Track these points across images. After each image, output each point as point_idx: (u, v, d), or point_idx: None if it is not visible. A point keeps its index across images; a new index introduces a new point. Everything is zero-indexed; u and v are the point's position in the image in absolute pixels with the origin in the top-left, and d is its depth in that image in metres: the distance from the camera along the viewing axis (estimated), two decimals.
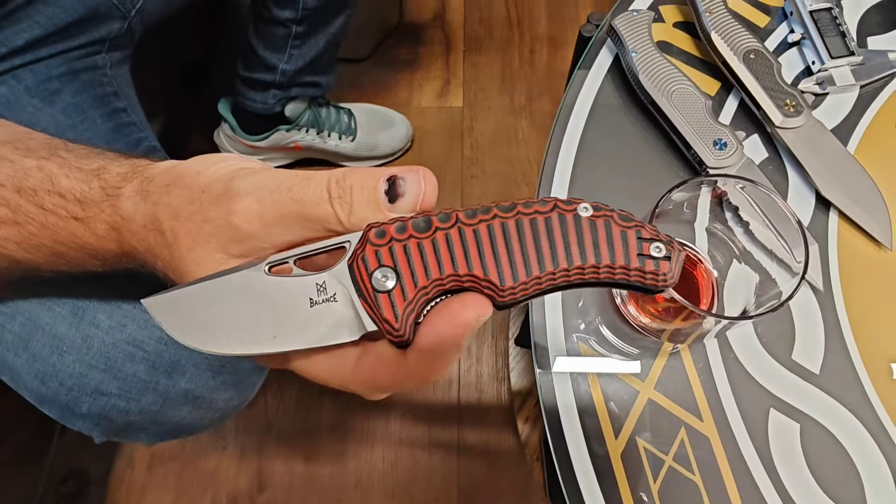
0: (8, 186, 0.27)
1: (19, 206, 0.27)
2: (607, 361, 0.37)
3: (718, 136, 0.40)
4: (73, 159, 0.27)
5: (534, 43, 1.03)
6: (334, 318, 0.21)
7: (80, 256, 0.27)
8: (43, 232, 0.27)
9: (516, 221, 0.20)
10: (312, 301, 0.21)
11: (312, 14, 0.73)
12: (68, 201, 0.26)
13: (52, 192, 0.26)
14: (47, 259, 0.28)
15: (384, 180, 0.20)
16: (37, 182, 0.27)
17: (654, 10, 0.46)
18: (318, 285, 0.21)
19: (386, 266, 0.20)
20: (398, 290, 0.20)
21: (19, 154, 0.28)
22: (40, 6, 0.49)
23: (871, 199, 0.40)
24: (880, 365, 0.37)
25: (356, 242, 0.20)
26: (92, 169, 0.26)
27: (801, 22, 0.44)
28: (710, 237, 0.38)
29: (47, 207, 0.26)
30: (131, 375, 0.37)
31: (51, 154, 0.28)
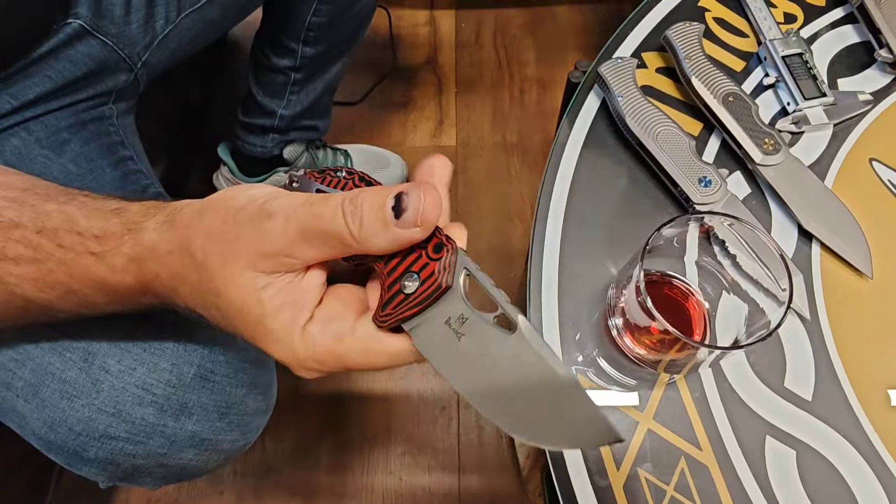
0: (30, 227, 0.28)
1: (40, 245, 0.28)
2: (606, 394, 0.38)
3: (703, 174, 0.42)
4: (92, 202, 0.29)
5: (523, 84, 1.07)
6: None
7: (93, 294, 0.29)
8: (60, 268, 0.28)
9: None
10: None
11: (310, 62, 0.76)
12: (86, 238, 0.28)
13: (72, 230, 0.28)
14: (61, 297, 0.29)
15: (392, 197, 0.22)
16: (58, 223, 0.28)
17: (637, 57, 0.49)
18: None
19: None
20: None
21: (40, 199, 0.29)
22: (52, 61, 0.51)
23: (850, 231, 0.42)
24: (870, 389, 0.38)
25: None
26: (112, 209, 0.28)
27: (775, 66, 0.47)
28: (700, 270, 0.40)
29: (65, 245, 0.28)
30: (140, 419, 0.37)
31: (70, 199, 0.29)
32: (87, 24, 0.50)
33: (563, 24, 1.11)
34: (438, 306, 0.23)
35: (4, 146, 0.47)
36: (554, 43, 1.10)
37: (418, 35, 1.11)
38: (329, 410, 0.85)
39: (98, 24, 0.51)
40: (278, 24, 0.73)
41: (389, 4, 1.11)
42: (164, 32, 0.56)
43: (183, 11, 0.57)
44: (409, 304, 0.23)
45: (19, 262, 0.28)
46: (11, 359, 0.37)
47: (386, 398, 0.85)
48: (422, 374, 0.87)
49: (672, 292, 0.40)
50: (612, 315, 0.39)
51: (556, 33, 1.10)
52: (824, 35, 0.50)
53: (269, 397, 0.46)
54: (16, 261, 0.28)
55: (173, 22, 0.56)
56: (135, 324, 0.38)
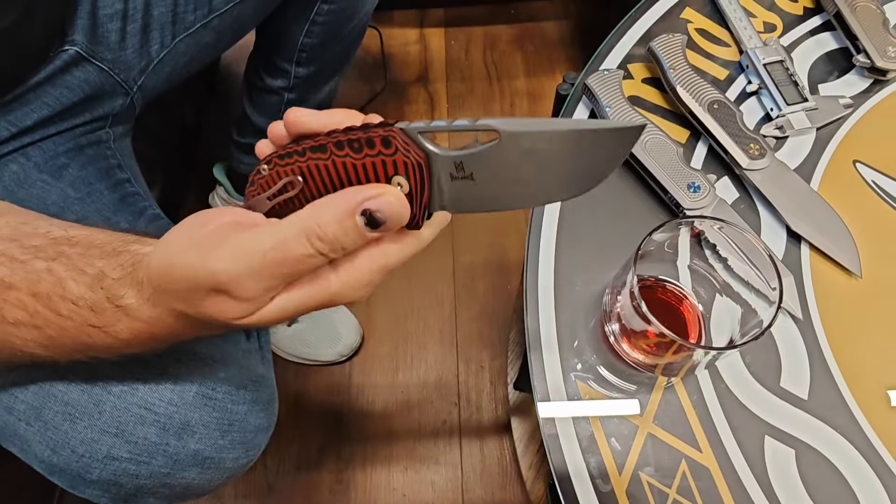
0: (23, 290, 0.28)
1: (37, 311, 0.28)
2: (607, 404, 0.39)
3: (692, 179, 0.43)
4: (77, 257, 0.29)
5: (513, 97, 1.08)
6: None
7: (101, 354, 0.29)
8: (63, 335, 0.28)
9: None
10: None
11: (303, 82, 0.77)
12: (81, 308, 0.28)
13: (65, 297, 0.28)
14: (69, 354, 0.30)
15: (359, 217, 0.23)
16: (49, 287, 0.28)
17: (624, 69, 0.50)
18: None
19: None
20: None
21: (29, 254, 0.29)
22: (49, 88, 0.51)
23: (837, 232, 0.43)
24: (865, 386, 0.38)
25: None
26: (94, 273, 0.28)
27: (757, 74, 0.48)
28: (693, 274, 0.40)
29: (63, 314, 0.28)
30: (142, 438, 0.37)
31: (57, 254, 0.29)
32: (83, 51, 0.51)
33: (550, 38, 1.13)
34: (435, 175, 0.24)
35: (3, 172, 0.48)
36: (542, 56, 1.12)
37: (409, 53, 1.13)
38: (330, 427, 0.85)
39: (94, 50, 0.52)
40: (271, 45, 0.74)
41: (380, 24, 1.12)
42: (160, 57, 0.57)
43: (177, 36, 0.57)
44: (417, 195, 0.24)
45: (20, 327, 0.28)
46: (13, 382, 0.38)
47: (386, 413, 0.85)
48: (421, 387, 0.87)
49: (666, 296, 0.40)
50: (608, 321, 0.39)
51: (544, 47, 1.12)
52: (803, 42, 0.52)
53: (270, 414, 0.46)
54: (16, 325, 0.29)
55: (168, 47, 0.57)
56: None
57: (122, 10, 0.52)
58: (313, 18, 0.69)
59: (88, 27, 0.51)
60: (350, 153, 0.24)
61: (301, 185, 0.26)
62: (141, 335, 0.27)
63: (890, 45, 0.48)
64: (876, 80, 0.49)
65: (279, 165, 0.26)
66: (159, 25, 0.55)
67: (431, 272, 0.92)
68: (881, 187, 0.45)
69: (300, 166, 0.25)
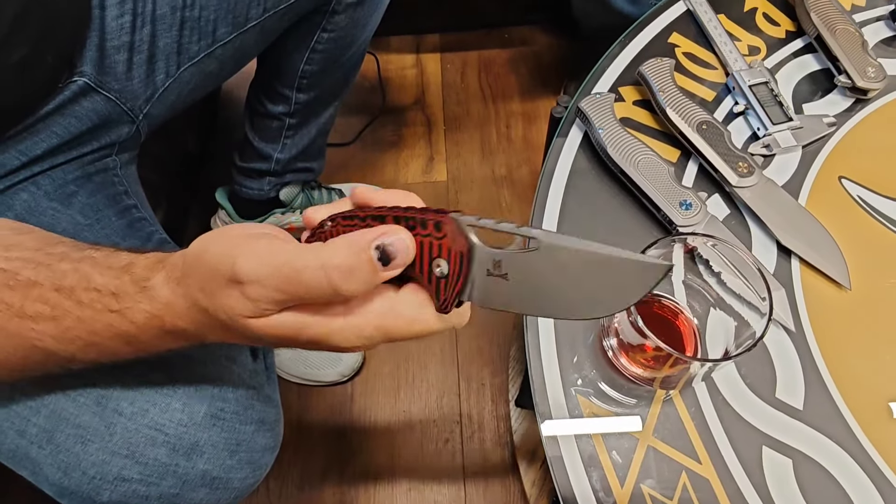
0: (47, 286, 0.29)
1: (58, 302, 0.29)
2: (609, 421, 0.39)
3: (683, 197, 0.45)
4: (103, 258, 0.30)
5: (509, 119, 1.11)
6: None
7: (114, 345, 0.30)
8: (79, 325, 0.29)
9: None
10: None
11: (304, 108, 0.79)
12: (104, 295, 0.29)
13: (89, 288, 0.29)
14: (81, 349, 0.30)
15: (374, 249, 0.24)
16: (73, 281, 0.29)
17: (615, 92, 0.52)
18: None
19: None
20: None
21: (54, 258, 0.30)
22: (58, 118, 0.53)
23: (826, 245, 0.44)
24: (858, 395, 0.39)
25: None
26: (122, 265, 0.29)
27: (743, 95, 0.50)
28: (687, 289, 0.42)
29: (84, 302, 0.29)
30: (153, 460, 0.38)
31: (82, 256, 0.30)
32: (91, 82, 0.53)
33: (543, 61, 1.16)
34: (474, 267, 0.25)
35: (14, 200, 0.49)
36: (536, 79, 1.14)
37: (406, 77, 1.16)
38: (332, 448, 0.85)
39: (102, 80, 0.53)
40: (272, 73, 0.76)
41: (377, 50, 1.15)
42: (165, 86, 0.59)
43: (182, 66, 0.59)
44: (453, 282, 0.25)
45: (38, 320, 0.29)
46: (26, 406, 0.38)
47: (388, 433, 0.85)
48: (423, 405, 0.87)
49: (662, 311, 0.41)
50: (606, 336, 0.40)
51: (538, 70, 1.15)
52: (787, 64, 0.54)
53: (276, 434, 0.46)
54: (35, 318, 0.29)
55: (173, 76, 0.59)
56: (147, 367, 0.40)
57: (128, 42, 0.54)
58: (313, 46, 0.71)
59: (96, 59, 0.53)
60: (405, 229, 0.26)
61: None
62: (153, 321, 0.28)
63: (869, 66, 0.50)
64: (858, 100, 0.51)
65: (342, 224, 0.28)
66: (164, 56, 0.57)
67: None
68: (866, 202, 0.47)
69: (360, 229, 0.27)
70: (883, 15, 0.56)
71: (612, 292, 0.24)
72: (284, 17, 0.64)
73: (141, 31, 0.55)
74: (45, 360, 0.31)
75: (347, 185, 1.00)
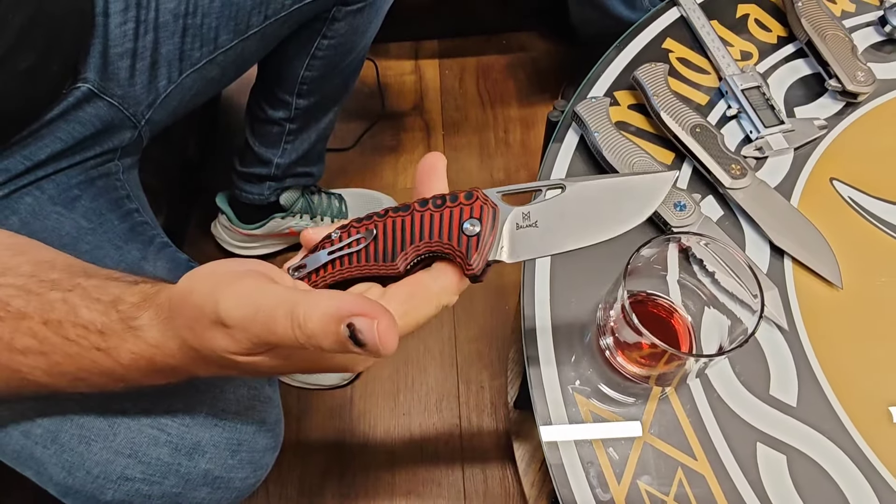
0: (35, 318, 0.29)
1: (46, 337, 0.29)
2: (608, 426, 0.40)
3: (678, 199, 0.45)
4: (93, 289, 0.30)
5: (507, 124, 1.12)
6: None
7: (102, 381, 0.30)
8: (67, 361, 0.29)
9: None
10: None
11: (304, 113, 0.80)
12: (91, 332, 0.29)
13: (76, 323, 0.29)
14: (71, 384, 0.31)
15: (344, 327, 0.22)
16: (62, 314, 0.29)
17: (610, 96, 0.53)
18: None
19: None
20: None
21: (45, 287, 0.30)
22: (62, 123, 0.54)
23: (818, 245, 0.45)
24: (850, 392, 0.40)
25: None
26: (109, 300, 0.29)
27: (736, 99, 0.51)
28: (682, 288, 0.42)
29: (71, 338, 0.29)
30: (155, 459, 0.38)
31: (72, 286, 0.30)
32: (94, 88, 0.53)
33: (540, 67, 1.17)
34: (503, 225, 0.27)
35: (19, 205, 0.50)
36: (533, 84, 1.15)
37: (405, 83, 1.17)
38: (332, 452, 0.85)
39: (105, 86, 0.54)
40: (273, 79, 0.77)
41: (376, 56, 1.16)
42: (167, 92, 0.60)
43: (184, 72, 0.60)
44: (485, 238, 0.27)
45: (27, 354, 0.30)
46: (31, 407, 0.39)
47: (388, 436, 0.86)
48: (423, 409, 0.87)
49: (657, 310, 0.42)
50: (602, 335, 0.41)
51: (535, 75, 1.16)
52: (779, 69, 0.55)
53: (277, 434, 0.47)
54: (24, 352, 0.30)
55: (175, 82, 0.60)
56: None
57: (131, 49, 0.55)
58: (314, 53, 0.72)
59: (100, 65, 0.53)
60: (431, 208, 0.27)
61: (368, 241, 0.28)
62: (140, 361, 0.28)
63: (859, 71, 0.51)
64: (848, 103, 0.52)
65: (353, 227, 0.29)
66: (167, 62, 0.58)
67: None
68: (857, 202, 0.48)
69: (377, 224, 0.28)
70: (872, 20, 0.57)
71: (632, 207, 0.27)
72: (285, 25, 0.65)
73: (144, 38, 0.55)
74: (37, 390, 0.32)
75: (347, 190, 1.01)
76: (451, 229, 0.27)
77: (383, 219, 0.28)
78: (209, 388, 0.41)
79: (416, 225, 0.27)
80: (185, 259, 0.54)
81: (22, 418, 0.39)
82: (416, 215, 0.27)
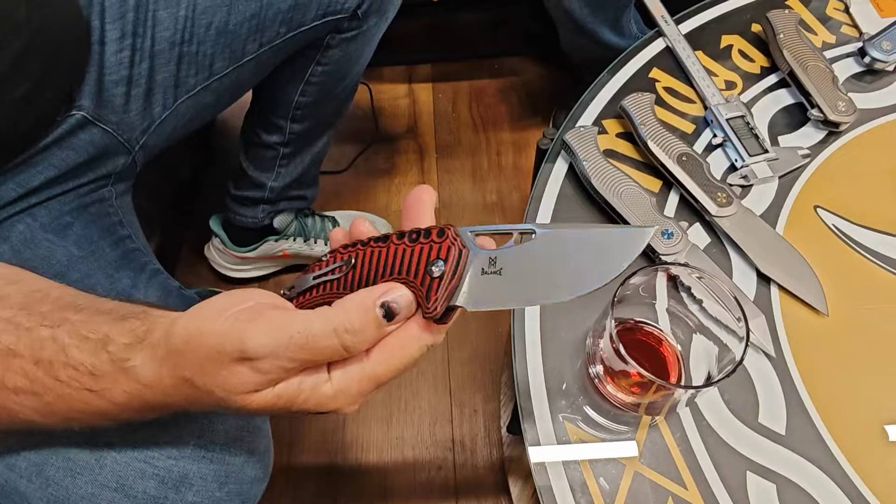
0: (27, 357, 0.29)
1: (37, 377, 0.29)
2: (599, 447, 0.40)
3: (665, 227, 0.46)
4: (81, 324, 0.30)
5: (499, 146, 1.13)
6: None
7: (94, 420, 0.30)
8: (59, 402, 0.30)
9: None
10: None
11: (298, 137, 0.81)
12: (81, 374, 0.29)
13: (67, 364, 0.29)
14: (61, 423, 0.31)
15: (378, 308, 0.25)
16: (52, 354, 0.29)
17: (598, 125, 0.54)
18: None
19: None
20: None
21: (35, 321, 0.30)
22: (56, 150, 0.54)
23: (803, 273, 0.45)
24: (838, 419, 0.40)
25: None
26: (98, 339, 0.29)
27: (721, 128, 0.52)
28: (671, 316, 0.43)
29: (62, 380, 0.29)
30: (142, 492, 0.38)
31: (61, 320, 0.30)
32: (89, 115, 0.54)
33: (532, 91, 1.19)
34: (468, 269, 0.26)
35: (11, 232, 0.49)
36: (525, 108, 1.17)
37: (398, 107, 1.18)
38: (324, 477, 0.84)
39: (99, 113, 0.55)
40: (267, 104, 0.78)
41: (370, 80, 1.18)
42: (162, 118, 0.60)
43: (179, 98, 0.61)
44: (448, 280, 0.26)
45: (19, 393, 0.30)
46: (17, 438, 0.38)
47: (381, 461, 0.85)
48: (416, 433, 0.87)
49: (646, 338, 0.42)
50: (592, 363, 0.41)
51: (527, 99, 1.18)
52: (762, 98, 0.56)
53: (265, 464, 0.46)
54: (16, 391, 0.30)
55: (170, 108, 0.60)
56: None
57: (127, 76, 0.56)
58: (308, 79, 0.73)
59: (95, 93, 0.54)
60: (406, 242, 0.27)
61: (346, 270, 0.29)
62: (134, 400, 0.28)
63: (840, 101, 0.52)
64: (830, 132, 0.54)
65: (339, 252, 0.30)
66: (162, 89, 0.59)
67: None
68: (841, 230, 0.48)
69: (357, 253, 0.29)
70: (852, 51, 0.58)
71: (603, 265, 0.25)
72: (280, 52, 0.65)
73: (139, 65, 0.56)
74: (29, 427, 0.32)
75: (341, 213, 1.02)
76: (418, 267, 0.26)
77: (364, 248, 0.29)
78: (197, 419, 0.41)
79: (391, 258, 0.28)
80: (177, 286, 0.54)
81: (6, 451, 0.38)
82: (391, 248, 0.28)
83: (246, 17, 0.60)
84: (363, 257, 0.28)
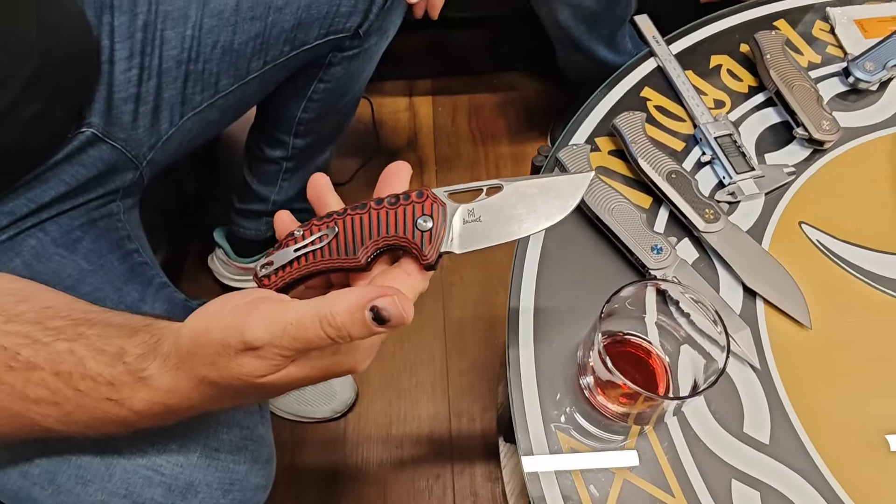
0: (47, 370, 0.31)
1: (58, 388, 0.31)
2: (591, 456, 0.41)
3: (655, 242, 0.48)
4: (96, 338, 0.31)
5: (498, 160, 1.15)
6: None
7: (112, 429, 0.32)
8: (79, 411, 0.31)
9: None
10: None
11: (300, 152, 0.83)
12: (100, 384, 0.30)
13: (86, 375, 0.31)
14: (81, 431, 0.33)
15: (368, 311, 0.26)
16: (70, 366, 0.31)
17: (591, 142, 0.56)
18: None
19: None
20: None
21: (51, 336, 0.32)
22: (66, 166, 0.56)
23: (787, 287, 0.47)
24: (821, 429, 0.42)
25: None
26: (113, 352, 0.31)
27: (709, 146, 0.54)
28: (660, 329, 0.44)
29: (82, 390, 0.31)
30: (149, 500, 0.39)
31: (77, 335, 0.32)
32: (98, 132, 0.55)
33: (530, 105, 1.21)
34: (449, 220, 0.31)
35: (23, 247, 0.51)
36: (523, 122, 1.19)
37: (399, 120, 1.20)
38: (324, 485, 0.85)
39: (109, 130, 0.56)
40: (271, 120, 0.80)
41: (371, 94, 1.20)
42: (168, 134, 0.62)
43: (185, 115, 0.62)
44: (437, 232, 0.30)
45: (41, 404, 0.31)
46: (30, 447, 0.40)
47: (381, 469, 0.86)
48: (415, 441, 0.88)
49: (635, 350, 0.44)
50: (583, 374, 0.43)
51: (525, 114, 1.20)
52: (750, 117, 0.58)
53: (268, 473, 0.48)
54: (37, 402, 0.31)
55: (176, 125, 0.62)
56: None
57: (135, 94, 0.58)
58: (310, 96, 0.75)
59: (104, 110, 0.56)
60: (386, 206, 0.31)
61: (330, 238, 0.31)
62: (155, 407, 0.30)
63: (824, 120, 0.54)
64: (815, 150, 0.55)
65: (315, 225, 0.32)
66: (169, 106, 0.61)
67: (423, 329, 0.96)
68: (825, 246, 0.50)
69: (337, 221, 0.31)
70: (837, 71, 0.60)
71: (558, 203, 0.32)
72: (283, 69, 0.68)
73: (147, 83, 0.58)
74: (48, 434, 0.33)
75: None
76: (405, 225, 0.30)
77: (343, 216, 0.31)
78: (203, 428, 0.42)
79: (374, 221, 0.31)
80: (182, 299, 0.56)
81: (20, 458, 0.40)
82: (373, 213, 0.31)
83: (251, 36, 0.62)
84: (346, 224, 0.31)
